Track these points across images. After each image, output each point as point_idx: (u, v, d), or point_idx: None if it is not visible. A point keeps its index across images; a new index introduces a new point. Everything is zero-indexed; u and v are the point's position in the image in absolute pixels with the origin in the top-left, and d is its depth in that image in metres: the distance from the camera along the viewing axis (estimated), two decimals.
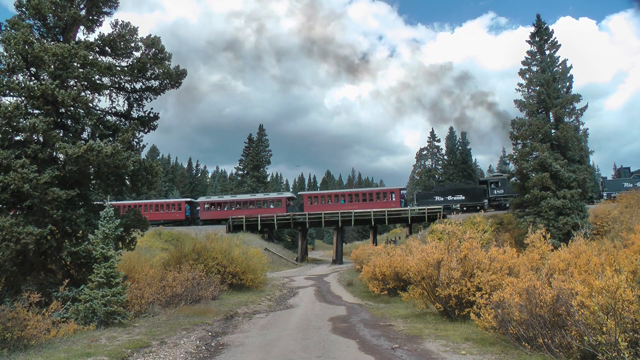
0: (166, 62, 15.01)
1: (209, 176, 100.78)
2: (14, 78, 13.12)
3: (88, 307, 10.96)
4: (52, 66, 12.88)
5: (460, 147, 62.14)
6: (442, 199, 38.48)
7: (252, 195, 48.37)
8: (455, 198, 37.64)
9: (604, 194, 39.34)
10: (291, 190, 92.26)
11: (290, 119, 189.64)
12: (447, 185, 42.32)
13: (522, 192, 27.96)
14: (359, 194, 43.84)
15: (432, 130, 77.23)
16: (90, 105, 14.08)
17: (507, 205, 33.75)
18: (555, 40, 28.74)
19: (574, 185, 25.80)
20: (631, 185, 36.09)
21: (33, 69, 13.40)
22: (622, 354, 5.76)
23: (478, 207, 37.18)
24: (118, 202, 48.29)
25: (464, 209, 37.34)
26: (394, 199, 40.56)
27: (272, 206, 44.73)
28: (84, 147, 12.19)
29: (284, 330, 11.23)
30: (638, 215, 23.78)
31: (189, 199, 49.78)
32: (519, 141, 28.76)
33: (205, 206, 46.48)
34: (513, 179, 31.42)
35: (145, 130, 15.65)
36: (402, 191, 42.14)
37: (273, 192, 52.58)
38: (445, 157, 62.68)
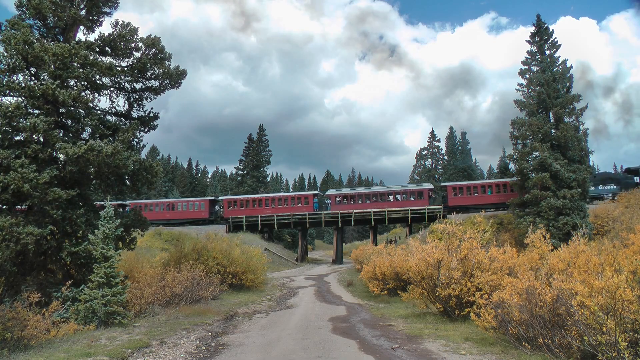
0: (166, 62, 15.05)
1: (209, 176, 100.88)
2: (14, 78, 13.15)
3: (88, 307, 10.97)
4: (53, 66, 12.89)
5: (460, 147, 62.21)
6: (594, 187, 35.21)
7: (388, 187, 46.20)
8: (607, 187, 35.41)
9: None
10: (291, 189, 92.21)
11: (290, 119, 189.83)
12: (598, 174, 40.08)
13: (522, 192, 27.98)
14: (507, 184, 39.26)
15: (432, 130, 77.36)
16: (91, 105, 14.10)
17: None
18: (556, 40, 28.81)
19: (574, 185, 25.83)
20: None
21: (33, 69, 13.41)
22: (622, 354, 5.75)
23: None
24: (235, 197, 48.02)
25: (615, 198, 33.67)
26: None
27: (412, 198, 42.14)
28: (84, 147, 12.21)
29: (284, 330, 11.23)
30: (638, 215, 23.80)
31: (316, 192, 47.79)
32: (519, 141, 28.79)
33: (337, 199, 43.86)
34: (513, 179, 31.41)
35: (146, 130, 15.71)
36: None
37: (412, 184, 49.91)
38: (445, 157, 62.78)
